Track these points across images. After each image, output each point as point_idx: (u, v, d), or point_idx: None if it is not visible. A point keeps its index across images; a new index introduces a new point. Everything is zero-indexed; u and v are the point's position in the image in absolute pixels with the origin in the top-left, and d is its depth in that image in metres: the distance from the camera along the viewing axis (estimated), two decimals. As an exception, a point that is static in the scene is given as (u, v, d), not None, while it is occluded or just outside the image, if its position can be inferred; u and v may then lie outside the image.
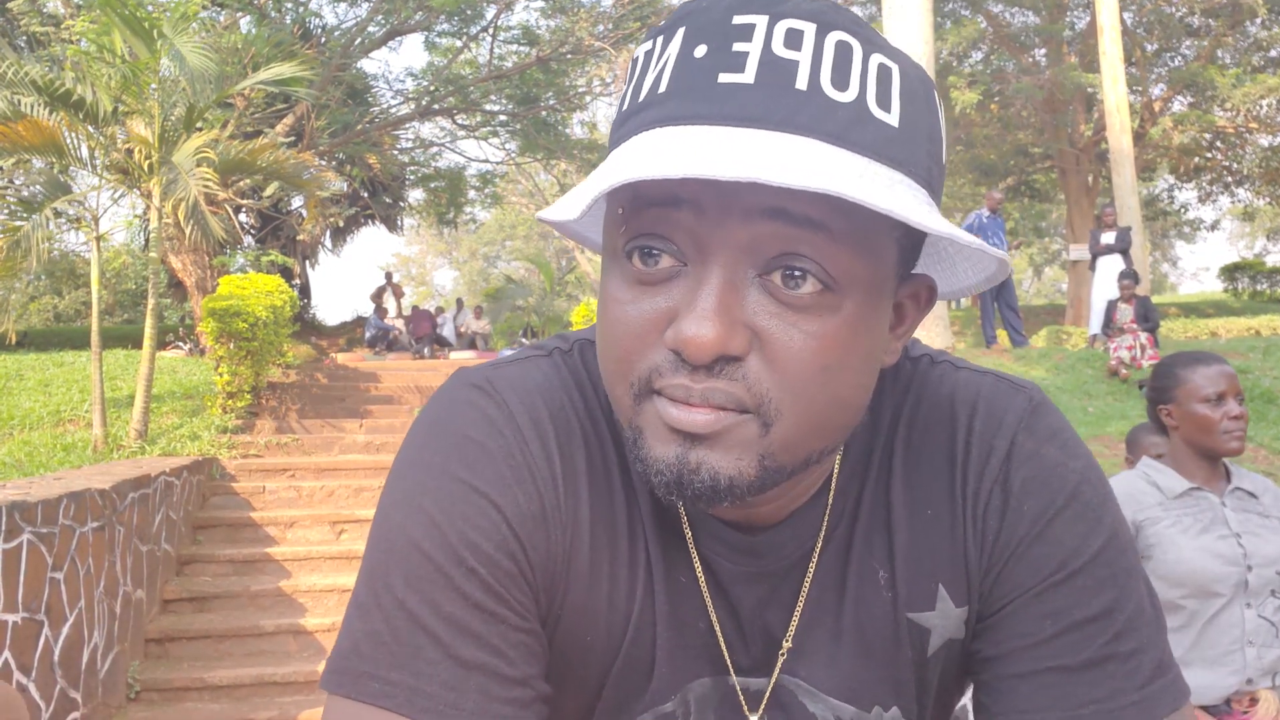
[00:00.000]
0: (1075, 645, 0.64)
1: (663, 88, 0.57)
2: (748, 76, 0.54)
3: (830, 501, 0.71)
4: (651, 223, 0.56)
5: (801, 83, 0.54)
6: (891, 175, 0.55)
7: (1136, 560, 0.69)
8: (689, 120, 0.54)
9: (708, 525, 0.71)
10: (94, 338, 7.50)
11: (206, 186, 7.60)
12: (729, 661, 0.72)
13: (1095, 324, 10.76)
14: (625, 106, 0.60)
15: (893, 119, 0.56)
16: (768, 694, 0.72)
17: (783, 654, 0.72)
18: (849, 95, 0.54)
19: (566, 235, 0.71)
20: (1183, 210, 25.74)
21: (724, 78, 0.54)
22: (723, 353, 0.55)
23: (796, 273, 0.55)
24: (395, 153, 19.50)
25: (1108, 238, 10.91)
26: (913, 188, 0.56)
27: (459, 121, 19.55)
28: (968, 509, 0.69)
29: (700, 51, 0.55)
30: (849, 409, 0.61)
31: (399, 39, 17.75)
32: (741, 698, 0.73)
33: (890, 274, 0.60)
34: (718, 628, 0.71)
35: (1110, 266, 10.76)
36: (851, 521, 0.72)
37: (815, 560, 0.71)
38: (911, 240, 0.62)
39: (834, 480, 0.71)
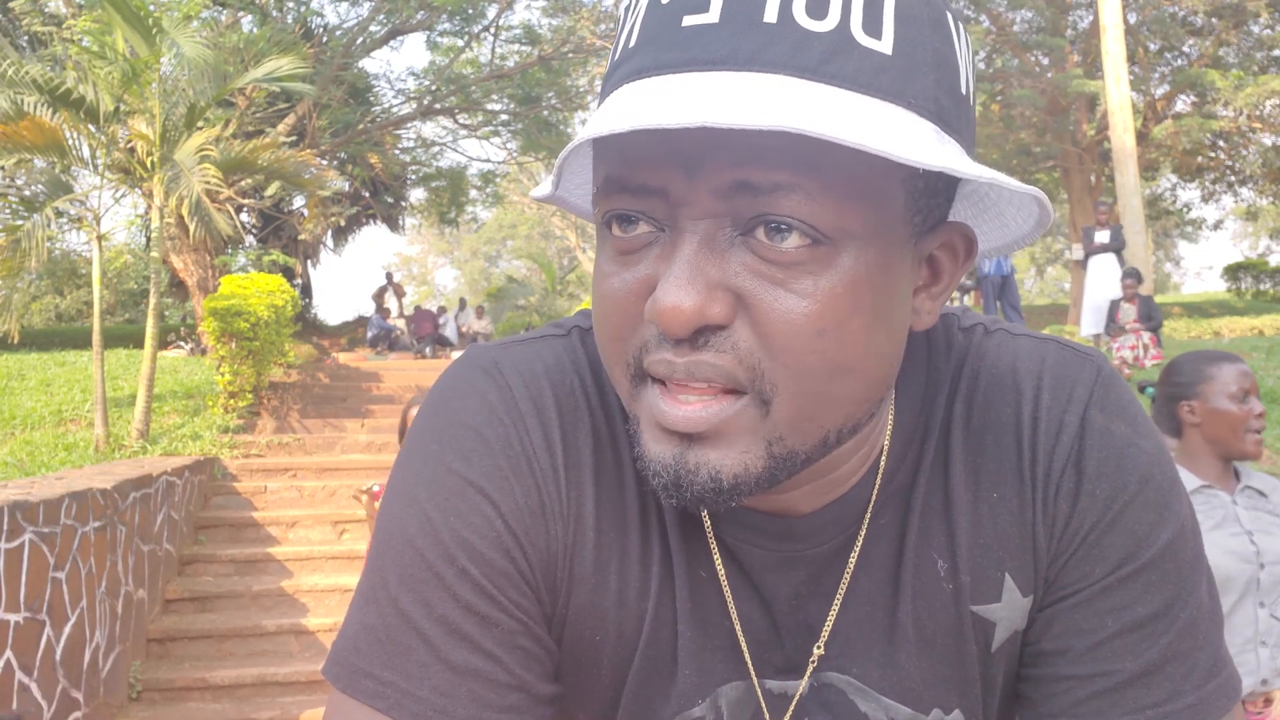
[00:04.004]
0: (1136, 646, 0.61)
1: (633, 41, 0.53)
2: (712, 15, 0.50)
3: (877, 485, 0.65)
4: (624, 201, 0.53)
5: (770, 15, 0.49)
6: (882, 108, 0.49)
7: (1201, 549, 0.64)
8: (654, 71, 0.51)
9: (735, 513, 0.65)
10: (95, 337, 7.49)
11: (208, 184, 7.60)
12: (750, 661, 0.67)
13: (1086, 323, 10.69)
14: (608, 69, 0.56)
15: (884, 46, 0.50)
16: (804, 694, 0.67)
17: (818, 650, 0.66)
18: (827, 24, 0.49)
19: (568, 210, 0.67)
20: (1185, 209, 25.70)
21: (688, 20, 0.50)
22: (701, 323, 0.51)
23: (782, 226, 0.50)
24: (397, 152, 19.51)
25: (1102, 236, 10.85)
26: (912, 120, 0.50)
27: (460, 121, 19.55)
28: (1038, 491, 0.64)
29: None
30: (860, 378, 0.54)
31: (400, 38, 17.76)
32: (763, 703, 0.67)
33: (899, 221, 0.54)
34: (737, 625, 0.66)
35: (1103, 265, 10.71)
36: (904, 510, 0.66)
37: (858, 547, 0.66)
38: (927, 183, 0.55)
39: (882, 462, 0.66)
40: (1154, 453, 0.64)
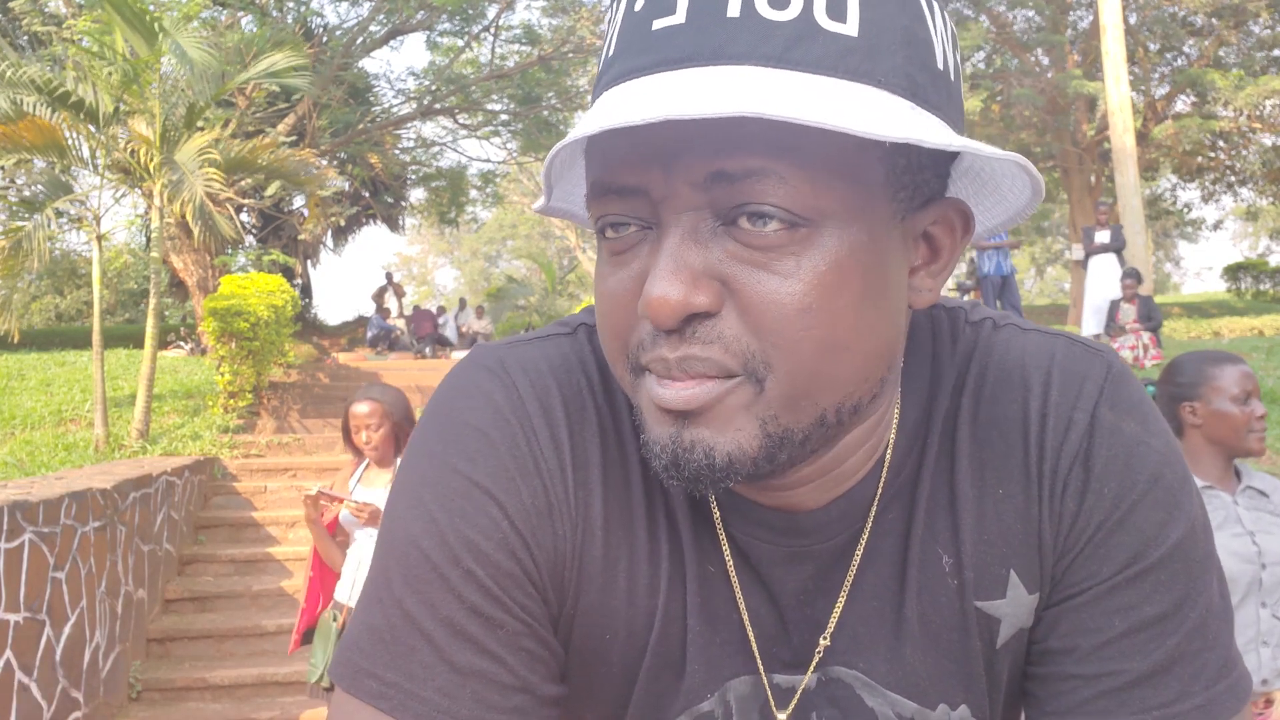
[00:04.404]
0: (1144, 646, 0.60)
1: (612, 50, 0.55)
2: (679, 17, 0.51)
3: (883, 479, 0.65)
4: (611, 205, 0.55)
5: (734, 10, 0.51)
6: (849, 88, 0.50)
7: (1212, 548, 0.64)
8: (629, 75, 0.53)
9: (743, 508, 0.65)
10: (95, 337, 7.50)
11: (210, 186, 7.60)
12: (758, 656, 0.67)
13: (1088, 323, 10.69)
14: (595, 81, 0.58)
15: (849, 29, 0.51)
16: (809, 689, 0.67)
17: (824, 644, 0.67)
18: (790, 13, 0.51)
19: (569, 220, 0.68)
20: (1185, 210, 25.71)
21: (657, 24, 0.52)
22: (688, 311, 0.52)
23: (765, 209, 0.51)
24: (397, 152, 19.52)
25: (1102, 236, 10.85)
26: (883, 98, 0.51)
27: (460, 121, 19.56)
28: (1044, 488, 0.63)
29: (639, 4, 0.54)
30: (853, 356, 0.55)
31: (400, 38, 17.77)
32: (770, 696, 0.67)
33: (881, 197, 0.54)
34: (745, 619, 0.66)
35: (1103, 265, 10.71)
36: (910, 504, 0.65)
37: (864, 542, 0.66)
38: (910, 159, 0.56)
39: (888, 456, 0.65)
40: (1164, 451, 0.63)
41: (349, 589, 3.46)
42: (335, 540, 3.56)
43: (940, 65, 0.55)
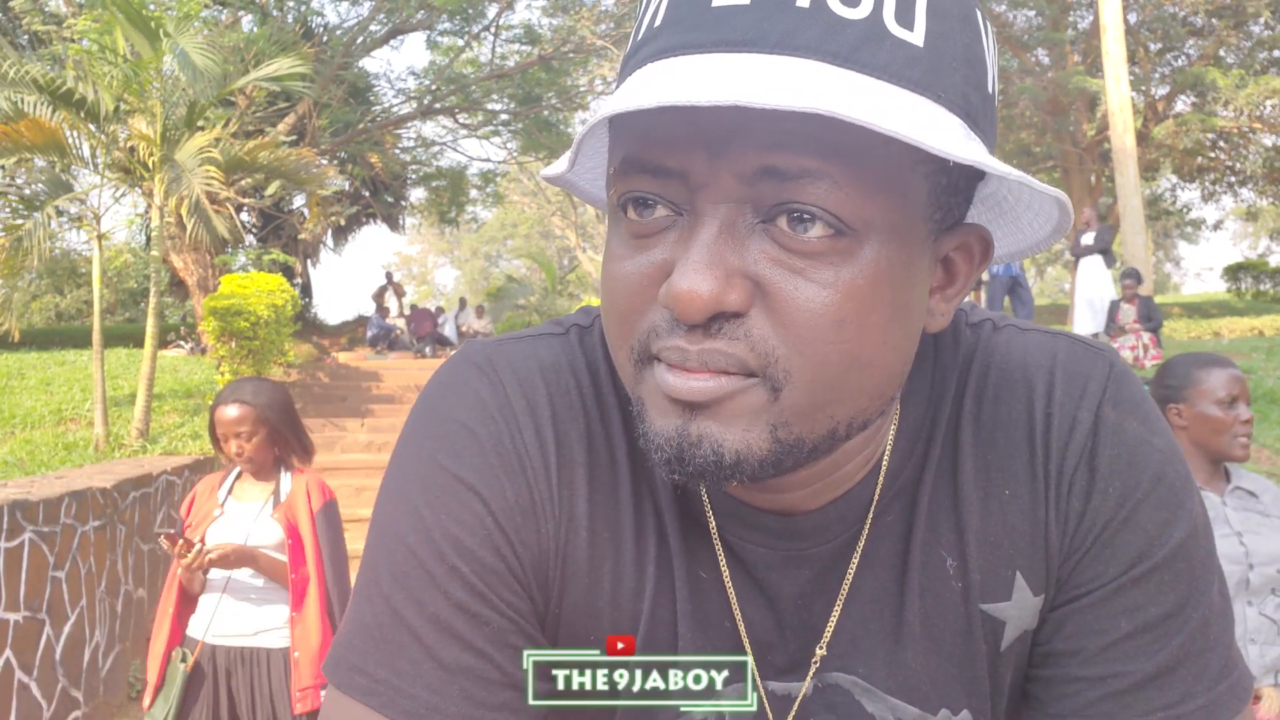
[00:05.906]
0: (1149, 647, 0.60)
1: (659, 21, 0.53)
2: None
3: (880, 483, 0.65)
4: (642, 183, 0.53)
5: (803, 0, 0.49)
6: (910, 99, 0.49)
7: (1213, 547, 0.64)
8: (680, 51, 0.50)
9: (738, 512, 0.64)
10: (96, 336, 7.50)
11: (209, 185, 7.60)
12: (752, 663, 0.66)
13: (1080, 325, 10.71)
14: (628, 49, 0.56)
15: (916, 38, 0.50)
16: (808, 695, 0.67)
17: (820, 651, 0.66)
18: (860, 12, 0.49)
19: (576, 194, 0.67)
20: (1185, 210, 25.72)
21: (718, 1, 0.50)
22: (718, 309, 0.50)
23: (805, 215, 0.49)
24: (397, 151, 19.53)
25: (1087, 238, 10.86)
26: (940, 114, 0.50)
27: (461, 120, 19.57)
28: (1050, 488, 0.63)
29: None
30: (875, 372, 0.54)
31: (401, 38, 17.78)
32: (767, 704, 0.67)
33: (920, 216, 0.53)
34: (741, 627, 0.65)
35: (1091, 266, 10.73)
36: (910, 507, 0.65)
37: (862, 545, 0.65)
38: (950, 179, 0.55)
39: (885, 460, 0.65)
40: (1166, 450, 0.63)
41: (206, 622, 2.91)
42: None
43: (989, 88, 0.55)
